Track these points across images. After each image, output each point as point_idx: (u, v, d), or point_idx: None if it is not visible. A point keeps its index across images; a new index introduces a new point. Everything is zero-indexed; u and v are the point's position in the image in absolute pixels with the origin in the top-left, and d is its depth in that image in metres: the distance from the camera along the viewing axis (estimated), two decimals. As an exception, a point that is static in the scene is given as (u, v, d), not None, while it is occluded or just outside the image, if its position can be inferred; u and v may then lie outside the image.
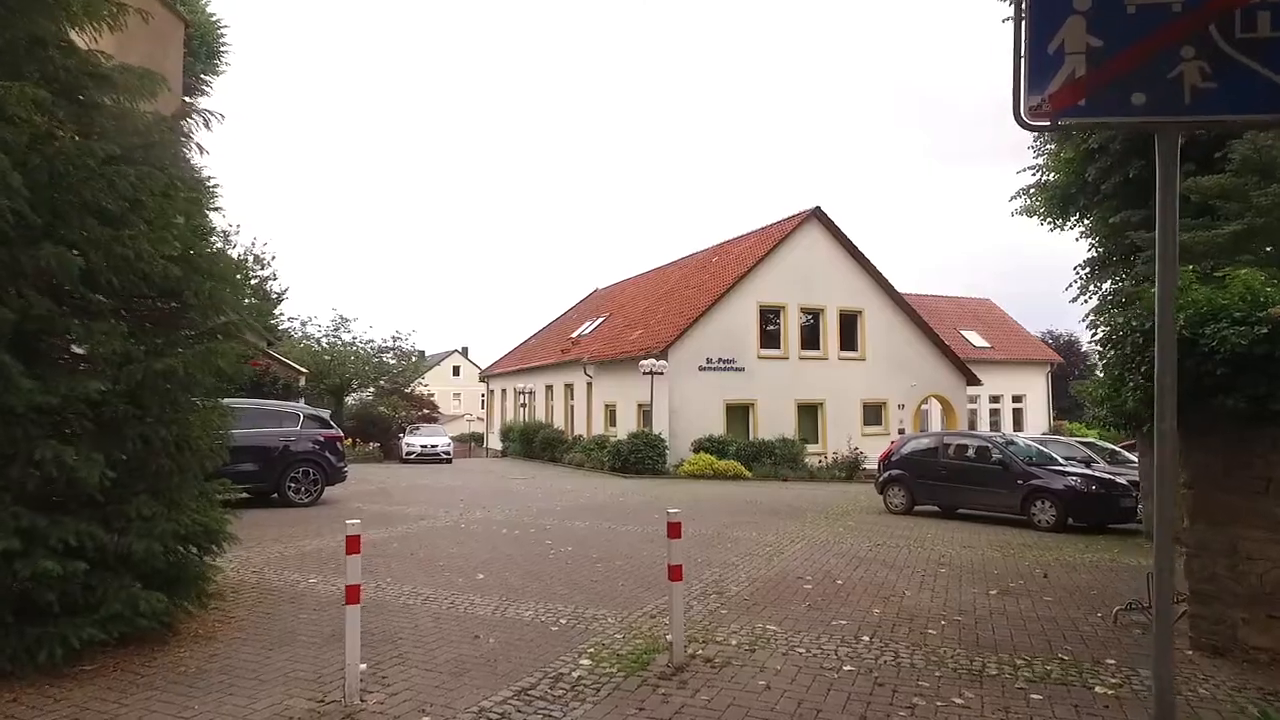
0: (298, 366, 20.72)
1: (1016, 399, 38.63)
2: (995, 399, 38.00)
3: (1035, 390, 39.17)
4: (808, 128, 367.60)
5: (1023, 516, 12.33)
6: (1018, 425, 38.42)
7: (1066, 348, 45.33)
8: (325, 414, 13.73)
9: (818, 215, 27.48)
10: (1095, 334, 19.73)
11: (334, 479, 13.30)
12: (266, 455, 12.43)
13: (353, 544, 4.28)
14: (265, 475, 12.38)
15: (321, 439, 13.14)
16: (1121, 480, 12.42)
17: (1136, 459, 15.86)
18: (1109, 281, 19.89)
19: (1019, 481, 12.38)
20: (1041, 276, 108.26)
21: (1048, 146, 20.37)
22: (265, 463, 12.38)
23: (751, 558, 8.90)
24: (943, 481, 13.49)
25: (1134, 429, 11.53)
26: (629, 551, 9.08)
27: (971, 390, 31.90)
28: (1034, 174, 21.04)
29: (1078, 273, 20.84)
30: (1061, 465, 12.94)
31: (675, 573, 4.90)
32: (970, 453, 13.59)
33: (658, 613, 6.13)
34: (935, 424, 34.02)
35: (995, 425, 37.65)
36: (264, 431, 12.54)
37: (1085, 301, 20.38)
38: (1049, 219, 21.08)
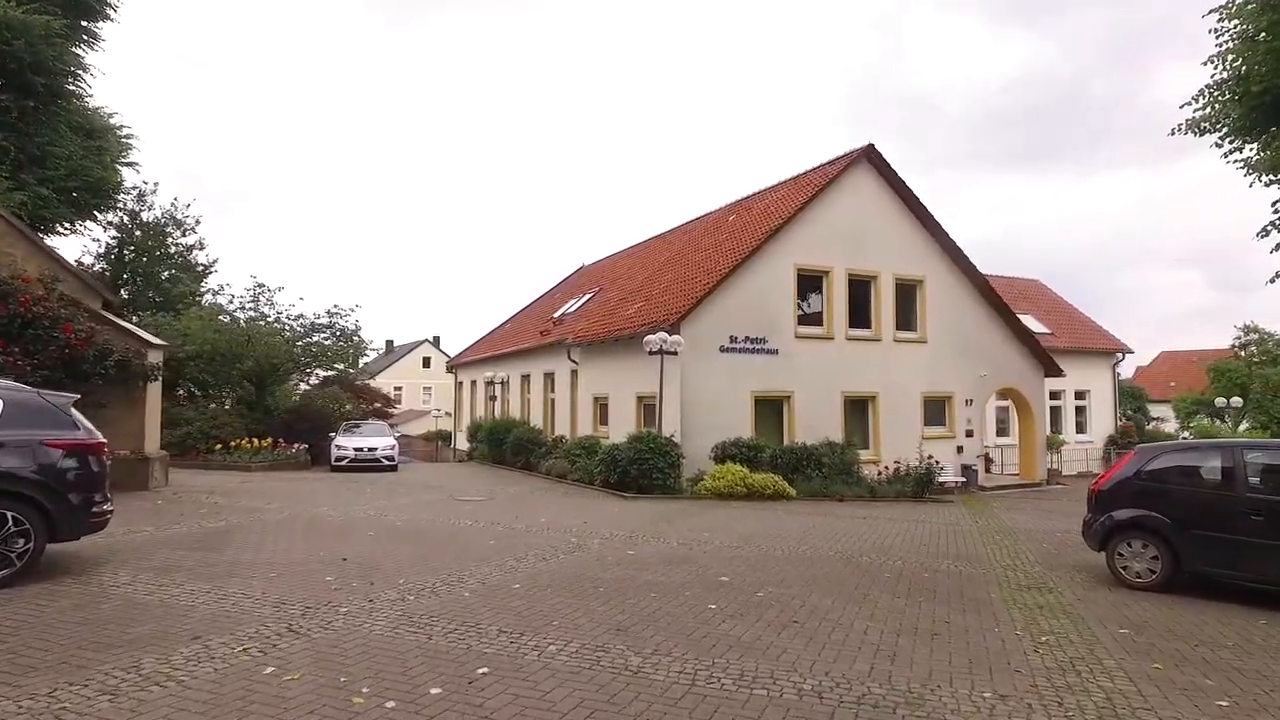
0: (152, 338, 14.10)
1: (1079, 395, 32.52)
2: (1055, 395, 31.86)
3: (1100, 385, 33.11)
4: (781, 116, 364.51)
5: None
6: (1080, 427, 32.47)
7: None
8: (66, 401, 7.08)
9: (869, 156, 21.18)
10: None
11: (74, 528, 6.78)
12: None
13: None
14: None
15: (54, 449, 6.64)
16: None
17: None
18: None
19: None
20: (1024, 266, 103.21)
21: (1246, 29, 14.10)
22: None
23: None
24: (1251, 536, 7.11)
25: None
26: None
27: (1048, 383, 25.79)
28: (1215, 69, 14.83)
29: (1277, 209, 14.74)
30: None
31: None
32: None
33: None
34: (991, 424, 28.00)
35: (1056, 427, 31.57)
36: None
37: (1291, 250, 14.26)
38: (1235, 135, 14.83)
